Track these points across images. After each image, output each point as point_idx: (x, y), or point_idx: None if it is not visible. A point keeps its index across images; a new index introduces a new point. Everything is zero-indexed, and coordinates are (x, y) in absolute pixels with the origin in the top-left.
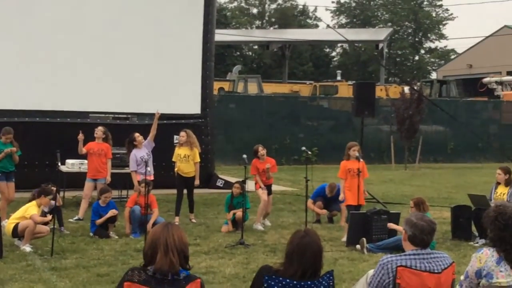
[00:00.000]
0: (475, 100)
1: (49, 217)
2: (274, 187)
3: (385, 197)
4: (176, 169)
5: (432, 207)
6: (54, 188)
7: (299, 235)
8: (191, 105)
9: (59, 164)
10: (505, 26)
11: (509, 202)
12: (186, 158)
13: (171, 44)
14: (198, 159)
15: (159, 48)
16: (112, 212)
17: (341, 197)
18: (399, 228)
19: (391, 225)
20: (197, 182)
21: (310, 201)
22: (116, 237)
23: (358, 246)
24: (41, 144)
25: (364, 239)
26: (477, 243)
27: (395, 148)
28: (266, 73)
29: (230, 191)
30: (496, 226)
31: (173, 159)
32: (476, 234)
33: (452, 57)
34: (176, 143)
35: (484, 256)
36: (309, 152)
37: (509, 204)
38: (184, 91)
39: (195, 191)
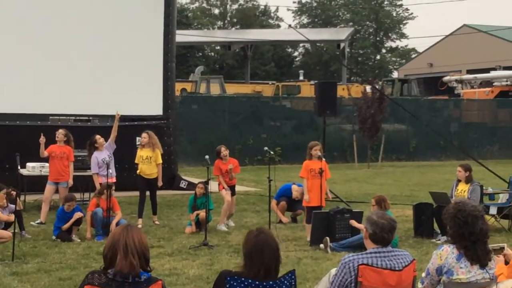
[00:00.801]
0: (436, 98)
1: (12, 216)
2: (238, 188)
3: (348, 196)
4: (138, 171)
5: (394, 205)
6: (14, 192)
7: (254, 234)
8: (153, 106)
9: (19, 167)
10: (465, 25)
11: (469, 199)
12: (148, 159)
13: (132, 45)
14: (160, 161)
15: (120, 49)
16: (77, 215)
17: (305, 198)
18: (361, 226)
19: (354, 223)
20: (159, 183)
21: (273, 202)
22: (79, 240)
23: (321, 245)
24: (0, 147)
25: (328, 238)
26: (439, 240)
27: (358, 147)
28: (228, 74)
29: (193, 192)
30: (456, 223)
31: (135, 161)
32: (438, 231)
33: (413, 56)
34: (138, 144)
35: (445, 253)
36: (272, 152)
37: (469, 201)
38: (145, 93)
39: (158, 192)
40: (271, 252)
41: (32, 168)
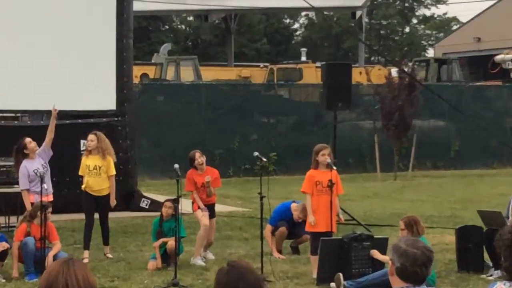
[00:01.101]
0: (485, 84)
1: None
2: (219, 207)
3: (368, 217)
4: (83, 186)
5: (431, 229)
6: None
7: (223, 271)
8: (103, 98)
9: None
10: None
11: None
12: (97, 170)
13: (74, 16)
14: (113, 172)
15: (58, 22)
16: (2, 246)
17: (310, 220)
18: (385, 258)
19: (376, 254)
20: (112, 202)
21: (267, 229)
22: (3, 280)
23: (332, 285)
24: None
25: (341, 274)
26: (491, 275)
27: (381, 151)
28: (205, 54)
29: (158, 213)
30: None
31: (80, 172)
32: (490, 263)
33: (454, 27)
34: (83, 150)
35: None
36: (265, 159)
37: None
38: (93, 80)
39: (111, 214)
40: None
41: None
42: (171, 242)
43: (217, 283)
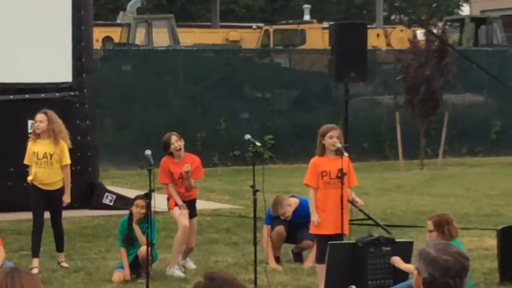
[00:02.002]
0: None
1: None
2: (200, 204)
3: (389, 216)
4: (30, 178)
5: (466, 231)
6: None
7: (199, 286)
8: (56, 68)
9: None
10: None
11: None
12: (47, 159)
13: None
14: (67, 161)
15: None
16: None
17: (313, 219)
18: (410, 267)
19: (398, 262)
20: (67, 199)
21: (265, 229)
22: None
23: None
24: None
25: (354, 287)
26: None
27: (404, 133)
28: (183, 12)
29: (125, 212)
30: None
31: (26, 161)
32: None
33: None
34: (30, 133)
35: None
36: (259, 144)
37: None
38: (43, 45)
39: (67, 213)
40: None
41: None
42: (142, 249)
43: None
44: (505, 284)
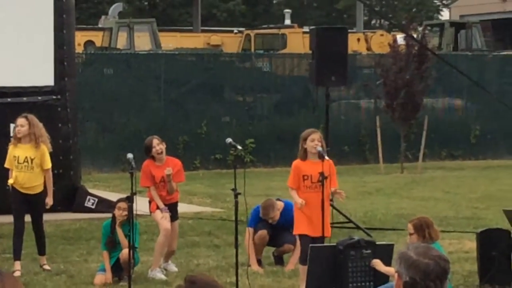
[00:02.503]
0: None
1: None
2: (182, 207)
3: (369, 218)
4: (11, 181)
5: (446, 234)
6: None
7: None
8: (38, 71)
9: None
10: None
11: None
12: (28, 163)
13: None
14: (48, 164)
15: None
16: None
17: (298, 202)
18: (391, 270)
19: (378, 265)
20: (49, 202)
21: (248, 232)
22: None
23: None
24: None
25: None
26: None
27: (384, 137)
28: (165, 16)
29: (107, 215)
30: None
31: (6, 165)
32: None
33: None
34: (11, 137)
35: None
36: (240, 147)
37: None
38: (25, 49)
39: (49, 216)
40: None
41: None
42: (124, 251)
43: None
44: (484, 287)
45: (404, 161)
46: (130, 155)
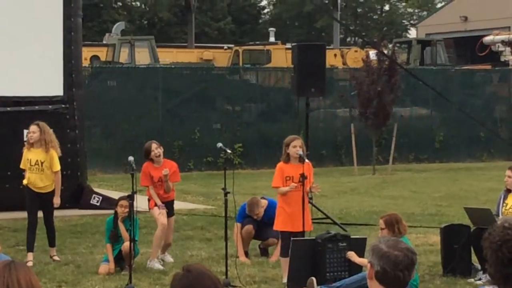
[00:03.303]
0: (473, 68)
1: None
2: (178, 205)
3: (345, 215)
4: (25, 181)
5: (413, 228)
6: None
7: (178, 277)
8: (49, 83)
9: None
10: None
11: None
12: (38, 166)
13: None
14: (57, 167)
15: None
16: None
17: (287, 189)
18: (363, 261)
19: (353, 256)
20: (56, 201)
21: (236, 227)
22: None
23: None
24: None
25: (314, 279)
26: (479, 279)
27: (358, 142)
28: (162, 34)
29: (111, 212)
30: (499, 259)
31: (22, 166)
32: (478, 266)
33: (439, 5)
34: (25, 141)
35: None
36: (229, 151)
37: None
38: (37, 63)
39: (58, 213)
40: None
41: None
42: (126, 244)
43: None
44: (447, 276)
45: (376, 163)
46: (131, 158)
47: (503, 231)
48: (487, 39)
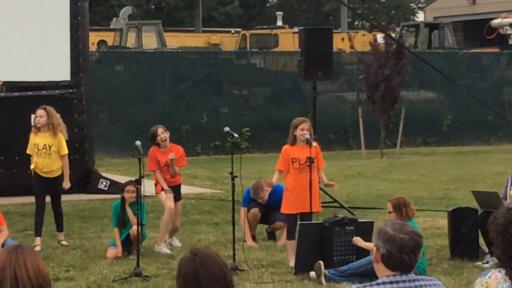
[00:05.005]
0: (481, 52)
1: None
2: (185, 189)
3: (352, 199)
4: (32, 166)
5: (421, 212)
6: None
7: (184, 261)
8: (56, 68)
9: None
10: None
11: None
12: (46, 150)
13: None
14: (65, 151)
15: None
16: None
17: (275, 180)
18: (369, 245)
19: (359, 241)
20: (66, 184)
21: (243, 211)
22: None
23: (312, 274)
24: None
25: (321, 262)
26: (487, 262)
27: (366, 126)
28: (170, 18)
29: (118, 196)
30: (505, 239)
31: (28, 151)
32: (486, 249)
33: None
34: (33, 126)
35: (493, 282)
36: (237, 135)
37: None
38: (44, 48)
39: (66, 197)
40: (212, 282)
41: None
42: (133, 228)
43: (178, 274)
44: (455, 259)
45: (384, 147)
46: (138, 142)
47: (508, 212)
48: (495, 22)
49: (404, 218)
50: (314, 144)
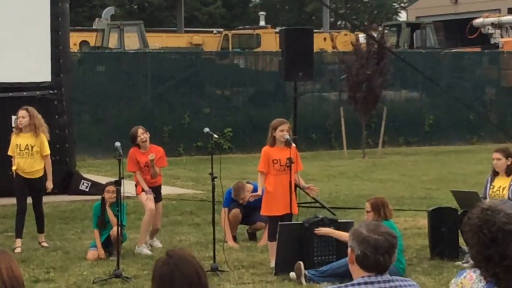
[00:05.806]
0: (463, 51)
1: None
2: (166, 190)
3: (334, 199)
4: (14, 167)
5: (401, 212)
6: None
7: (159, 262)
8: (36, 68)
9: None
10: None
11: (511, 200)
12: (28, 150)
13: None
14: (47, 151)
15: None
16: None
17: (259, 192)
18: (343, 234)
19: (323, 230)
20: (49, 185)
21: (223, 212)
22: None
23: (292, 274)
24: None
25: (302, 263)
26: (467, 262)
27: (348, 126)
28: (152, 19)
29: (100, 197)
30: (480, 240)
31: (9, 152)
32: (466, 249)
33: None
34: (14, 127)
35: (468, 282)
36: (216, 136)
37: (504, 207)
38: (24, 48)
39: (47, 199)
40: (187, 284)
41: None
42: (114, 229)
43: (153, 275)
44: (435, 259)
45: (366, 147)
46: (117, 144)
47: (482, 212)
48: (477, 21)
49: (382, 218)
50: (293, 145)
